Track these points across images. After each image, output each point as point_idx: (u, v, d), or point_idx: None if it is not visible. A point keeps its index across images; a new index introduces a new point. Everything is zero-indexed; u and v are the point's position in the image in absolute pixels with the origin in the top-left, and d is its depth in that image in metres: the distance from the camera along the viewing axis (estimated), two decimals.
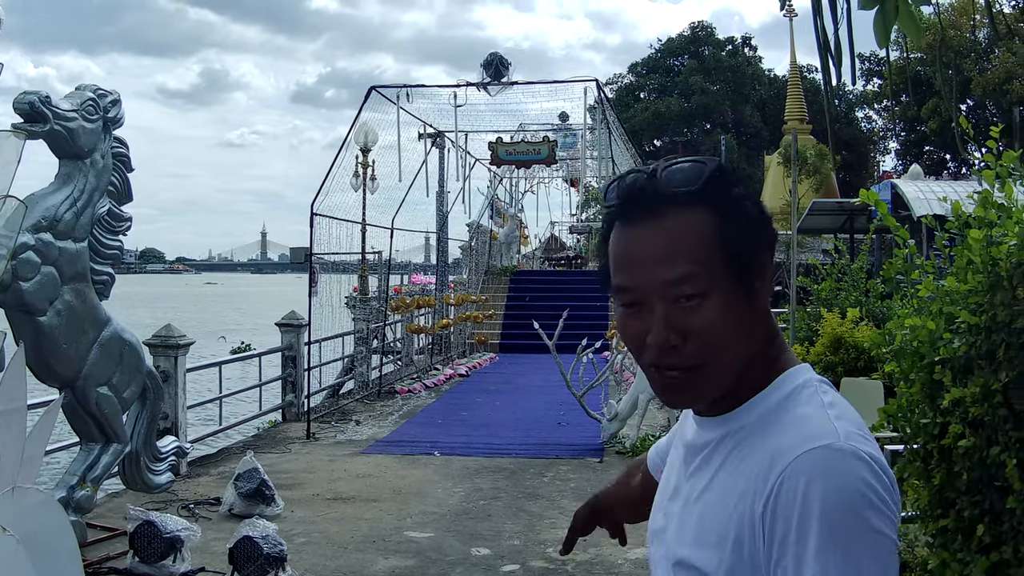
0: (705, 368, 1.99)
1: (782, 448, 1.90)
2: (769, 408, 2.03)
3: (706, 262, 1.95)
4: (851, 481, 1.81)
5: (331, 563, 9.76)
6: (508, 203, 42.63)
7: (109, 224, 9.21)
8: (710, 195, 1.99)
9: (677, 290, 1.96)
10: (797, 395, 2.03)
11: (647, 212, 2.00)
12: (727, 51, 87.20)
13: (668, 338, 1.97)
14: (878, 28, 3.72)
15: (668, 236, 1.97)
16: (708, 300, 1.96)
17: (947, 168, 68.80)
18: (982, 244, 5.00)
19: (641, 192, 2.03)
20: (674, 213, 1.98)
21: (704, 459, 2.11)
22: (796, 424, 1.95)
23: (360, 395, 21.72)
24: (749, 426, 2.03)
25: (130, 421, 9.88)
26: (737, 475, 1.98)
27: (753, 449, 1.98)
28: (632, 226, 2.03)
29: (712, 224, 1.97)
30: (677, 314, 1.97)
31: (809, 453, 1.85)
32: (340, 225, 21.02)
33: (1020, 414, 4.50)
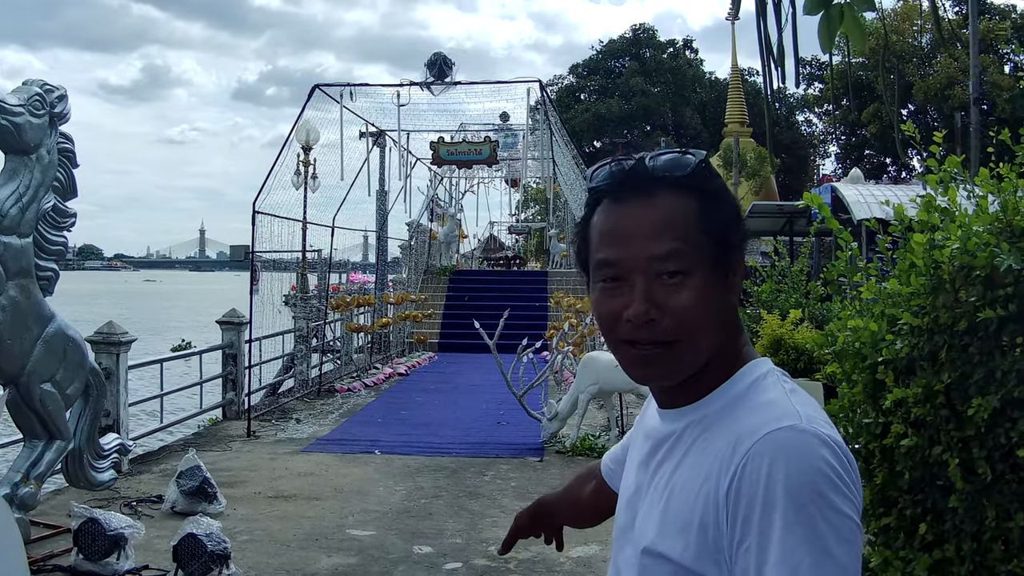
0: (679, 345, 2.03)
1: (746, 430, 1.94)
2: (733, 396, 2.08)
3: (692, 242, 2.02)
4: (814, 461, 1.84)
5: (274, 561, 9.77)
6: (448, 203, 42.63)
7: (54, 220, 9.16)
8: (698, 182, 2.08)
9: (662, 265, 2.01)
10: (760, 383, 2.09)
11: (639, 192, 2.08)
12: (668, 54, 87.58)
13: (647, 311, 2.01)
14: (822, 33, 3.79)
15: (658, 214, 2.04)
16: (690, 279, 2.01)
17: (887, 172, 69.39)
18: (925, 247, 5.08)
19: (634, 173, 2.10)
20: (665, 194, 2.06)
21: (668, 450, 2.14)
22: (760, 408, 2.00)
23: (300, 393, 21.70)
24: (713, 414, 2.07)
25: (73, 418, 9.83)
26: (702, 460, 2.01)
27: (718, 434, 2.01)
28: (623, 204, 2.09)
29: (698, 208, 2.05)
30: (658, 289, 2.02)
31: (772, 434, 1.89)
32: (281, 223, 20.95)
33: (962, 415, 4.57)
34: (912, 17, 59.89)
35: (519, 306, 26.35)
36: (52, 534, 10.20)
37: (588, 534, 10.60)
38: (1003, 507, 4.42)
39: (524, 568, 9.72)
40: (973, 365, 4.61)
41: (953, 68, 58.10)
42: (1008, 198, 4.91)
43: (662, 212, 2.05)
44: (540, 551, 10.11)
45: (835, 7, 3.76)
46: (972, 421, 4.51)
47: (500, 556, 9.95)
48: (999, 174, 5.34)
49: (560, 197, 40.05)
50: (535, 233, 60.67)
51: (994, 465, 4.48)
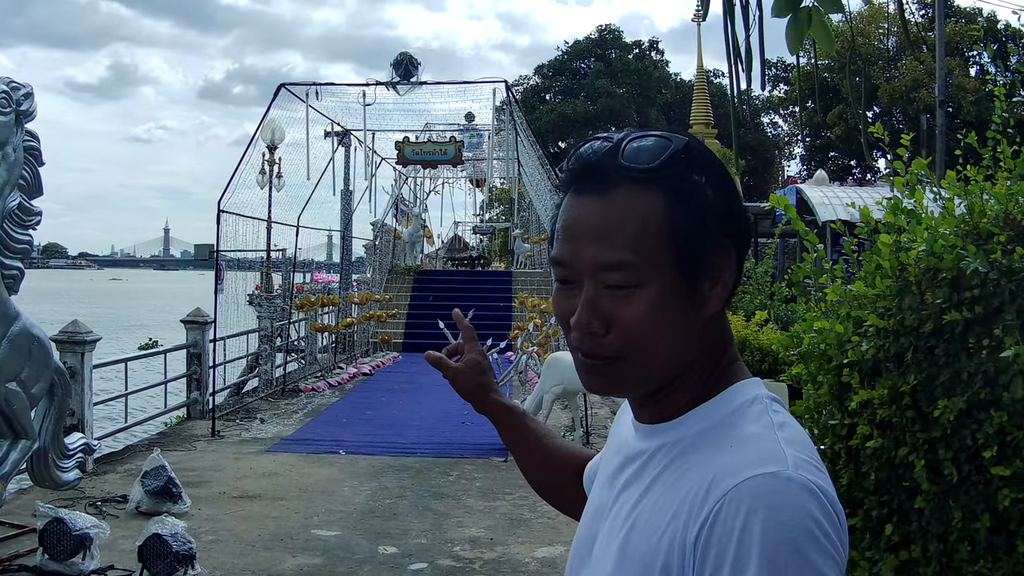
0: (624, 362, 1.83)
1: (724, 469, 1.70)
2: (712, 423, 1.84)
3: (646, 251, 1.76)
4: (797, 516, 1.61)
5: (239, 561, 9.75)
6: (413, 203, 42.60)
7: (19, 218, 9.11)
8: (666, 177, 1.79)
9: (607, 276, 1.78)
10: (744, 411, 1.84)
11: (597, 183, 1.82)
12: (634, 55, 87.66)
13: (590, 323, 1.81)
14: (790, 36, 3.81)
15: (610, 214, 1.79)
16: (640, 292, 1.77)
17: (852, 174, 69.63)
18: (891, 249, 5.11)
19: (596, 161, 1.84)
20: (624, 190, 1.79)
21: (635, 472, 1.92)
22: (741, 444, 1.75)
23: (264, 393, 21.67)
24: (688, 440, 1.84)
25: (38, 417, 9.77)
26: (671, 493, 1.77)
27: (691, 466, 1.78)
28: (579, 197, 1.85)
29: (663, 209, 1.77)
30: (605, 300, 1.80)
31: (754, 480, 1.64)
32: (246, 222, 20.89)
33: (928, 416, 4.61)
34: (878, 20, 60.15)
35: (483, 306, 26.27)
36: (17, 534, 10.16)
37: (554, 535, 10.63)
38: (969, 508, 4.45)
39: (489, 568, 9.74)
40: (939, 367, 4.64)
41: (919, 71, 58.41)
42: (975, 200, 4.95)
43: (615, 213, 1.79)
44: (506, 551, 10.15)
45: (803, 10, 3.77)
46: (938, 423, 4.54)
47: (466, 556, 10.05)
48: (966, 176, 5.38)
49: (525, 197, 40.02)
50: (499, 233, 60.70)
51: (960, 466, 4.51)
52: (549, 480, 2.67)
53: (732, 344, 1.96)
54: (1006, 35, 60.51)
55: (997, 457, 4.34)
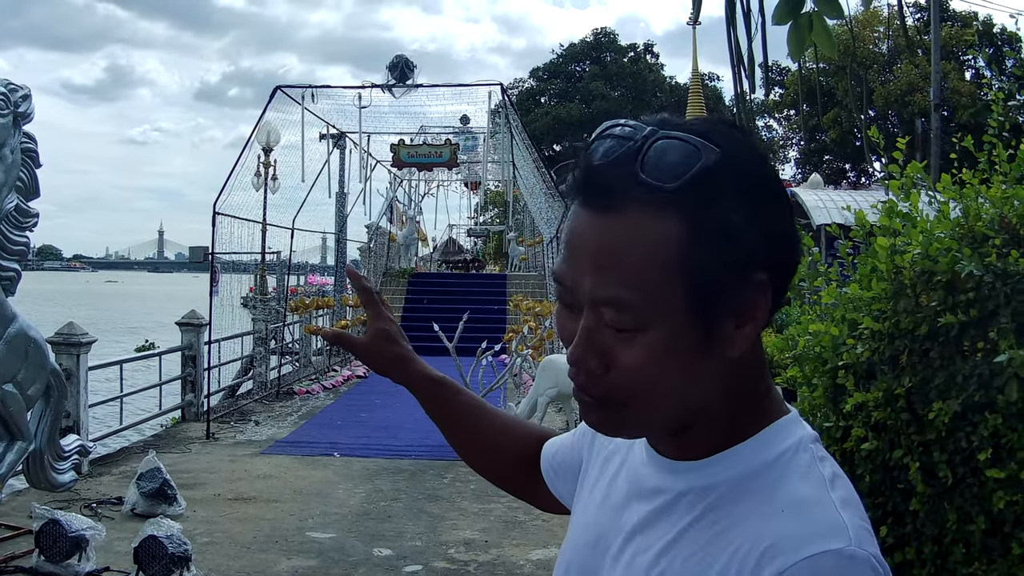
0: (626, 409, 1.54)
1: (781, 540, 1.43)
2: (752, 470, 1.55)
3: (651, 290, 1.44)
4: None
5: (235, 563, 9.75)
6: (408, 205, 42.59)
7: (16, 220, 9.10)
8: (688, 199, 1.43)
9: (604, 312, 1.48)
10: (791, 462, 1.54)
11: (603, 198, 1.47)
12: (629, 58, 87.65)
13: (585, 359, 1.51)
14: (792, 42, 3.81)
15: (614, 240, 1.45)
16: (644, 336, 1.46)
17: (846, 177, 69.74)
18: (887, 252, 5.12)
19: (607, 169, 1.47)
20: (634, 211, 1.44)
21: (654, 514, 1.63)
22: (795, 510, 1.46)
23: (259, 395, 21.65)
24: (724, 488, 1.55)
25: (34, 419, 9.76)
26: (707, 555, 1.50)
27: (732, 525, 1.50)
28: (584, 208, 1.51)
29: (677, 240, 1.43)
30: (604, 335, 1.49)
31: (817, 559, 1.39)
32: (241, 224, 20.92)
33: (923, 419, 4.62)
34: (873, 24, 60.25)
35: (478, 309, 26.32)
36: (13, 535, 10.15)
37: (549, 538, 10.64)
38: (964, 510, 4.46)
39: (484, 570, 9.75)
40: (934, 369, 4.65)
41: (914, 74, 58.52)
42: (970, 204, 4.97)
43: (619, 238, 1.45)
44: (500, 553, 10.16)
45: (804, 16, 3.78)
46: (933, 425, 4.55)
47: (461, 559, 10.05)
48: (961, 180, 5.39)
49: (519, 200, 40.04)
50: (494, 236, 60.67)
51: (955, 469, 4.52)
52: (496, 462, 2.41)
53: (765, 376, 1.64)
54: (1002, 39, 60.61)
55: (992, 459, 4.35)
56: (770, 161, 1.57)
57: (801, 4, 3.75)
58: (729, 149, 1.47)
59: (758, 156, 1.53)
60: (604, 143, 1.51)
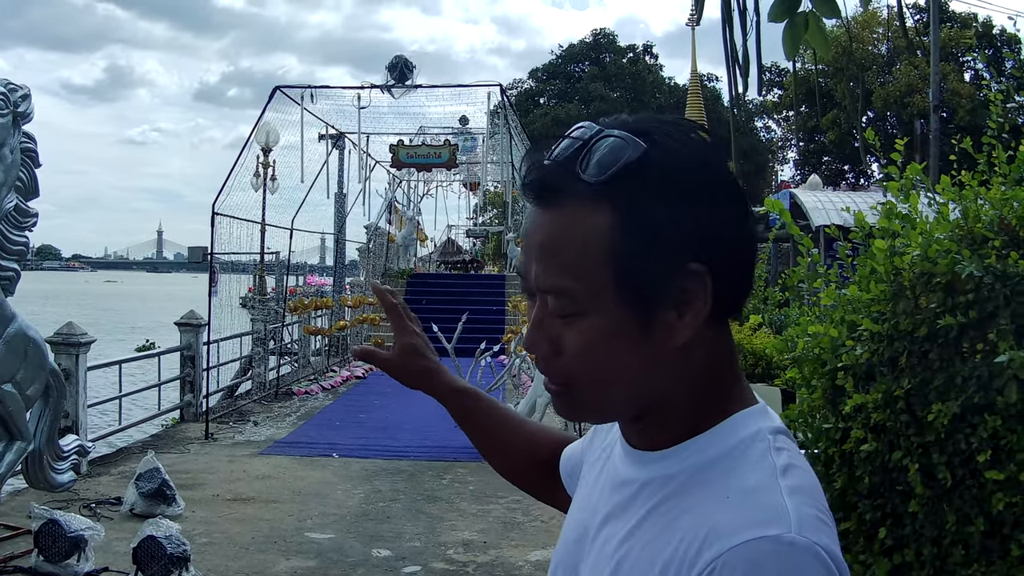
0: (577, 391, 1.63)
1: (718, 527, 1.45)
2: (707, 460, 1.59)
3: (585, 278, 1.54)
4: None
5: (234, 563, 9.75)
6: (407, 206, 42.58)
7: (16, 220, 9.10)
8: (615, 191, 1.52)
9: (550, 301, 1.58)
10: (744, 451, 1.58)
11: (549, 194, 1.59)
12: (628, 59, 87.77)
13: (538, 344, 1.62)
14: (787, 41, 3.81)
15: (555, 233, 1.56)
16: (584, 320, 1.56)
17: (845, 179, 69.85)
18: (886, 254, 5.12)
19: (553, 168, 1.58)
20: (573, 206, 1.55)
21: (621, 504, 1.69)
22: (740, 496, 1.49)
23: (257, 396, 21.64)
24: (680, 478, 1.60)
25: (33, 419, 9.76)
26: (659, 542, 1.54)
27: (683, 512, 1.54)
28: (534, 206, 1.62)
29: (608, 229, 1.52)
30: (553, 321, 1.59)
31: (752, 544, 1.41)
32: (240, 225, 20.90)
33: (922, 420, 4.62)
34: (872, 25, 60.31)
35: (477, 310, 26.31)
36: (12, 535, 10.16)
37: (548, 539, 10.64)
38: (963, 512, 4.46)
39: (483, 571, 9.76)
40: (933, 371, 4.65)
41: (913, 76, 58.58)
42: (969, 205, 4.97)
43: (555, 232, 1.56)
44: (499, 554, 10.17)
45: (800, 15, 3.78)
46: (932, 427, 4.55)
47: (460, 559, 10.04)
48: (961, 181, 5.39)
49: (518, 201, 40.03)
50: (493, 237, 60.66)
51: (954, 470, 4.52)
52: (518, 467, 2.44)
53: (730, 368, 1.68)
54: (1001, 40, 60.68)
55: (991, 461, 4.35)
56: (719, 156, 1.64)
57: (797, 3, 3.75)
58: (663, 144, 1.54)
59: (698, 151, 1.59)
60: (561, 143, 1.61)
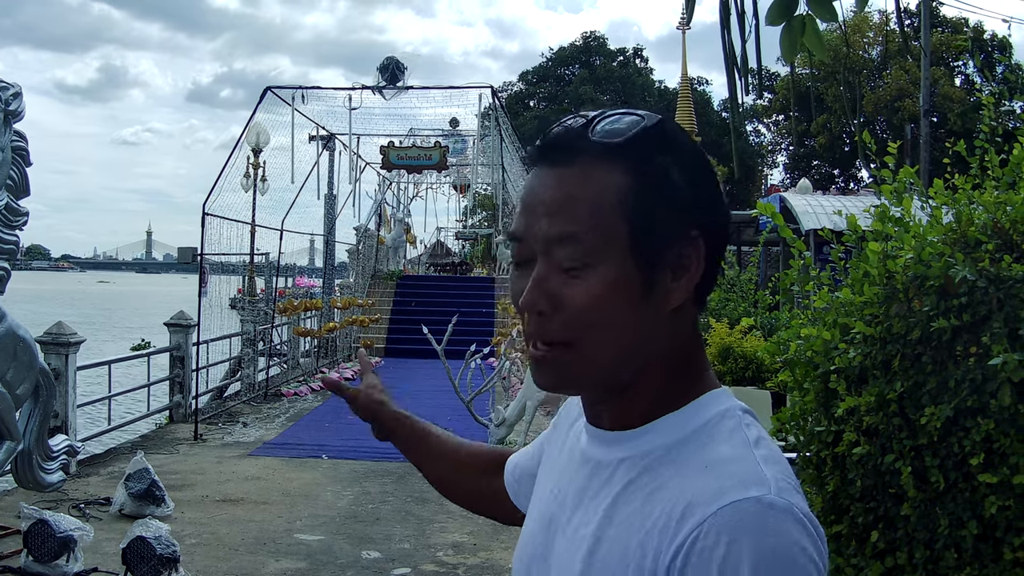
0: (574, 349, 1.68)
1: (700, 494, 1.55)
2: (682, 436, 1.69)
3: (599, 228, 1.64)
4: (786, 545, 1.49)
5: (223, 565, 9.74)
6: (396, 208, 42.58)
7: (6, 218, 9.07)
8: (632, 154, 1.66)
9: (557, 251, 1.66)
10: (717, 426, 1.68)
11: (562, 157, 1.71)
12: (618, 62, 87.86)
13: (537, 301, 1.67)
14: (784, 44, 3.80)
15: (567, 186, 1.67)
16: (591, 272, 1.64)
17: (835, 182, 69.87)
18: (879, 257, 5.12)
19: (564, 135, 1.74)
20: (586, 164, 1.68)
21: (596, 485, 1.76)
22: (718, 466, 1.59)
23: (247, 397, 21.64)
24: (655, 454, 1.69)
25: (22, 419, 9.74)
26: (640, 515, 1.62)
27: (661, 485, 1.63)
28: (542, 171, 1.74)
29: (623, 188, 1.65)
30: (555, 278, 1.66)
31: (735, 505, 1.50)
32: (230, 225, 20.86)
33: (915, 423, 4.62)
34: (863, 29, 60.42)
35: (466, 312, 26.37)
36: (1, 535, 10.17)
37: None
38: (956, 515, 4.46)
39: (472, 573, 9.78)
40: (926, 374, 4.65)
41: (904, 80, 58.70)
42: (963, 209, 4.97)
43: (570, 185, 1.67)
44: (489, 557, 10.16)
45: (796, 18, 3.78)
46: (925, 430, 4.55)
47: (449, 561, 10.05)
48: (954, 185, 5.40)
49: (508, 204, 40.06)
50: (482, 239, 60.72)
51: (947, 473, 4.52)
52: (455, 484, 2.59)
53: (699, 352, 1.80)
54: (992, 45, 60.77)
55: (984, 464, 4.36)
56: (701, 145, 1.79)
57: (795, 5, 3.75)
58: (663, 120, 1.72)
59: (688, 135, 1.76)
60: (563, 121, 1.79)
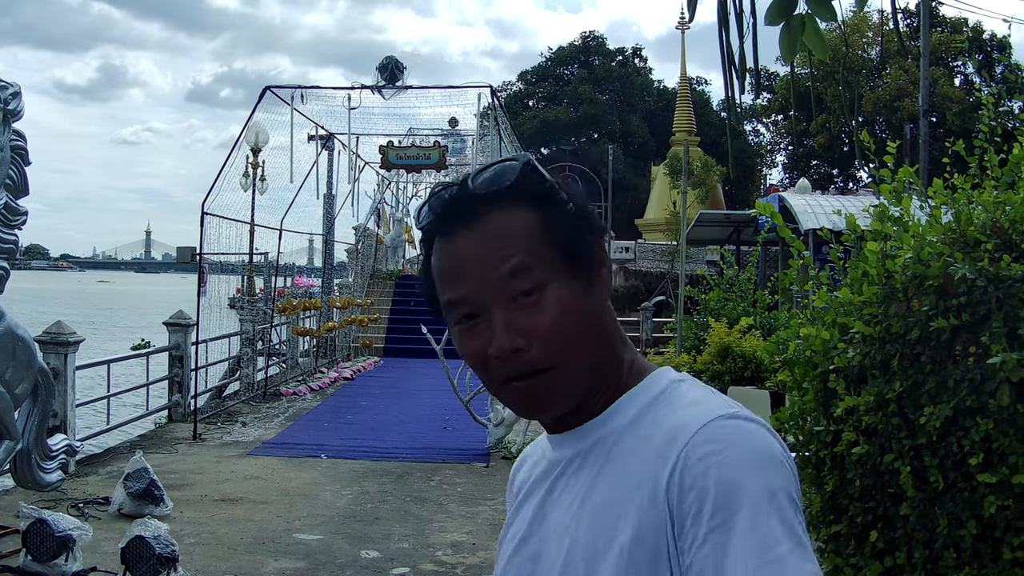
0: (556, 370, 1.80)
1: (681, 423, 1.72)
2: (643, 407, 1.85)
3: (536, 253, 1.80)
4: (767, 448, 1.66)
5: (222, 564, 9.73)
6: (395, 207, 42.53)
7: (6, 218, 9.05)
8: (524, 191, 1.85)
9: (513, 285, 1.79)
10: (677, 386, 1.87)
11: (466, 220, 1.84)
12: (617, 61, 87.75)
13: (513, 342, 1.78)
14: (784, 44, 3.79)
15: (491, 236, 1.82)
16: (547, 292, 1.79)
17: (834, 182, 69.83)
18: (878, 256, 5.12)
19: (456, 201, 1.87)
20: (493, 215, 1.83)
21: (575, 471, 1.89)
22: (689, 406, 1.77)
23: (246, 397, 21.62)
24: (624, 426, 1.85)
25: (21, 418, 9.73)
26: (625, 471, 1.77)
27: (637, 445, 1.78)
28: (453, 237, 1.85)
29: (532, 218, 1.83)
30: (518, 315, 1.79)
31: (715, 423, 1.68)
32: (229, 225, 20.84)
33: (914, 423, 4.62)
34: (862, 29, 60.38)
35: None
36: (1, 534, 10.16)
37: None
38: (955, 515, 4.46)
39: (471, 573, 9.77)
40: (925, 374, 4.65)
41: (903, 80, 58.64)
42: (962, 209, 4.97)
43: (496, 230, 1.82)
44: (487, 556, 10.14)
45: (796, 17, 3.77)
46: (924, 429, 4.55)
47: (448, 561, 10.03)
48: (953, 185, 5.39)
49: None
50: None
51: (946, 473, 4.52)
52: None
53: (626, 335, 2.00)
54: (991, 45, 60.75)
55: (983, 464, 4.36)
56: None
57: (794, 5, 3.74)
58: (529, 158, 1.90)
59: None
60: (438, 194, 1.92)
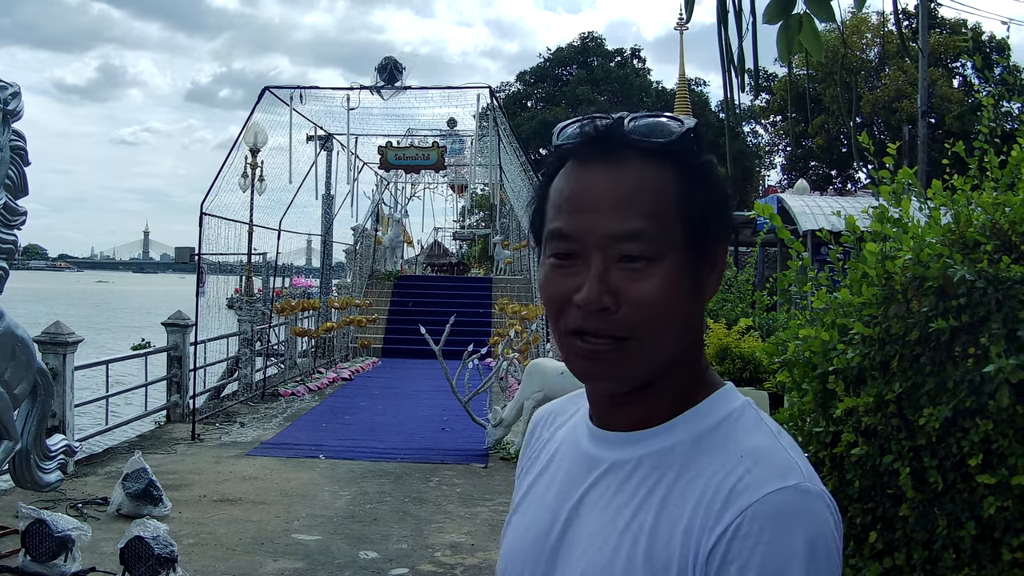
0: (633, 343, 1.73)
1: (740, 482, 1.64)
2: (704, 430, 1.78)
3: (663, 223, 1.72)
4: (826, 530, 1.61)
5: (221, 565, 9.72)
6: (394, 208, 42.56)
7: (5, 218, 9.04)
8: (680, 154, 1.77)
9: (624, 247, 1.71)
10: (739, 419, 1.79)
11: (609, 156, 1.76)
12: (616, 62, 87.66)
13: (601, 298, 1.70)
14: (781, 43, 3.80)
15: (627, 184, 1.74)
16: (656, 266, 1.71)
17: (832, 183, 69.77)
18: (877, 258, 5.12)
19: (607, 133, 1.78)
20: (638, 163, 1.75)
21: (617, 483, 1.81)
22: (752, 455, 1.69)
23: (244, 397, 21.61)
24: (680, 448, 1.77)
25: (20, 418, 9.73)
26: (674, 509, 1.70)
27: (694, 478, 1.71)
28: (588, 167, 1.77)
29: (677, 184, 1.75)
30: (617, 274, 1.71)
31: (777, 494, 1.61)
32: (228, 225, 20.85)
33: (913, 424, 4.62)
34: (861, 30, 60.34)
35: (464, 312, 26.38)
36: (0, 535, 10.15)
37: None
38: (954, 516, 4.46)
39: (470, 574, 9.76)
40: (925, 375, 4.65)
41: (902, 81, 58.60)
42: (961, 210, 4.97)
43: (632, 182, 1.73)
44: (487, 557, 10.15)
45: (794, 17, 3.77)
46: (923, 431, 4.55)
47: (447, 561, 10.04)
48: (952, 186, 5.40)
49: (505, 204, 40.05)
50: (479, 240, 60.74)
51: (945, 474, 4.52)
52: None
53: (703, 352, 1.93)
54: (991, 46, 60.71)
55: (982, 465, 4.36)
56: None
57: (792, 4, 3.75)
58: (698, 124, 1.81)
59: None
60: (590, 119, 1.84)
